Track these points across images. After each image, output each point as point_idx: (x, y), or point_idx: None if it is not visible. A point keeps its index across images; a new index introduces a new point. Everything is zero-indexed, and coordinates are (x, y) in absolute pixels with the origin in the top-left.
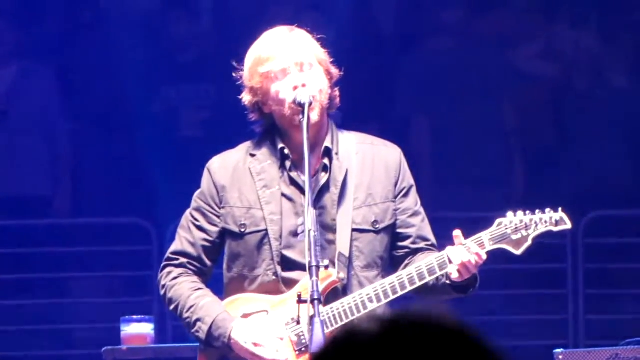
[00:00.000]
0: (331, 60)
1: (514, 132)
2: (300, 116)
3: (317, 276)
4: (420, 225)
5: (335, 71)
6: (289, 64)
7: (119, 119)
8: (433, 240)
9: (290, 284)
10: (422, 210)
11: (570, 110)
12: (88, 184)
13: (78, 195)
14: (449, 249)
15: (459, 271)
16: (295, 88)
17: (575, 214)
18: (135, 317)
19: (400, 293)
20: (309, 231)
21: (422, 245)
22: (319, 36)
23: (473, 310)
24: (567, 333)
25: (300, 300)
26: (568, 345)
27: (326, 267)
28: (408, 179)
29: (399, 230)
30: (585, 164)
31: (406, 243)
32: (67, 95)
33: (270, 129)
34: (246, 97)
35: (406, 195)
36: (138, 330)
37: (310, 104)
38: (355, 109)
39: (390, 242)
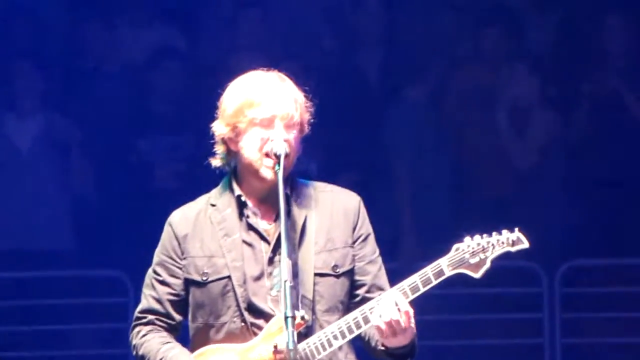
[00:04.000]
0: (308, 111)
1: (474, 186)
2: (276, 167)
3: (293, 327)
4: (376, 274)
5: (306, 124)
6: (276, 116)
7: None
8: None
9: (258, 330)
10: (379, 260)
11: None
12: (68, 236)
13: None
14: (380, 297)
15: (383, 330)
16: (272, 141)
17: (551, 263)
18: None
19: (356, 332)
20: (285, 282)
21: (376, 294)
22: (304, 88)
23: None
24: None
25: (276, 351)
26: None
27: (302, 318)
28: (366, 227)
29: (355, 277)
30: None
31: (360, 291)
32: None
33: (230, 173)
34: (219, 129)
35: (364, 241)
36: None
37: (287, 155)
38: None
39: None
